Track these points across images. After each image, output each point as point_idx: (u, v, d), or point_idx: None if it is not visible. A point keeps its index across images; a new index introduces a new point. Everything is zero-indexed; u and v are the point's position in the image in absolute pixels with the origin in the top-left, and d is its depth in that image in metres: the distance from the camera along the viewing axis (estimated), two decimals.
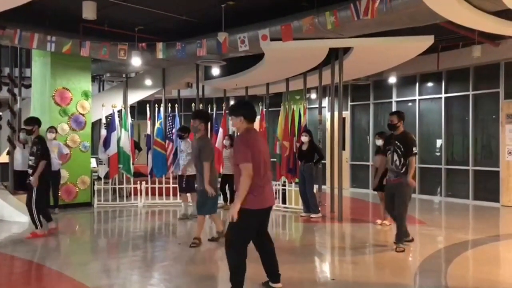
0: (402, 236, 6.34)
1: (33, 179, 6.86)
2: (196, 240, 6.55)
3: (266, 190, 4.32)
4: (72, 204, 9.94)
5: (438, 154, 11.89)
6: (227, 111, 4.87)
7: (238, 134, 4.53)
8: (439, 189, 11.73)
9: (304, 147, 8.90)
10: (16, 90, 10.56)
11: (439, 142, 11.90)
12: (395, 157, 6.25)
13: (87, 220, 9.27)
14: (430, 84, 12.20)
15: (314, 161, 8.86)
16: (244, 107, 4.43)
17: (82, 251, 6.79)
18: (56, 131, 9.40)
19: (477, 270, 5.87)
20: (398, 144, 6.24)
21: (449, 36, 9.48)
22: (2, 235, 7.60)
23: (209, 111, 11.09)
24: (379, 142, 8.09)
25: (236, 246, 4.23)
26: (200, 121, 6.43)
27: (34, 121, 7.19)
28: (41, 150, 6.95)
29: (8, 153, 10.19)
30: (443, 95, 11.71)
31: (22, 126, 7.00)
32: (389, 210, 6.66)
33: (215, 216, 6.78)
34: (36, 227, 7.05)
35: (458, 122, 11.64)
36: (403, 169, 6.19)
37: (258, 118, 10.83)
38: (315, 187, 9.21)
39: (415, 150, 6.26)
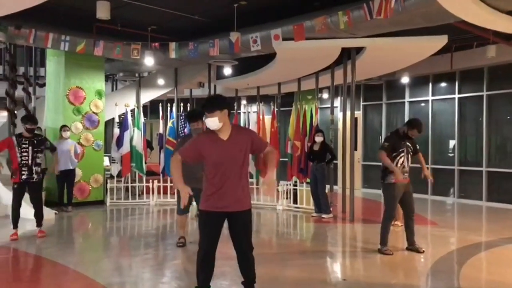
0: None
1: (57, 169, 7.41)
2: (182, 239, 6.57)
3: (220, 193, 3.90)
4: (85, 202, 10.05)
5: (451, 155, 11.79)
6: (238, 111, 4.74)
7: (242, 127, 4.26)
8: (451, 190, 11.63)
9: (316, 147, 8.88)
10: (30, 89, 10.72)
11: (452, 143, 11.80)
12: (409, 158, 6.26)
13: (99, 218, 9.35)
14: (443, 85, 12.10)
15: (326, 161, 8.84)
16: (225, 100, 4.03)
17: (95, 249, 6.86)
18: (70, 130, 9.51)
19: (490, 272, 5.81)
20: (410, 145, 6.28)
21: (463, 36, 9.39)
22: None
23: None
24: None
25: (200, 246, 4.05)
26: (203, 121, 6.33)
27: (37, 121, 7.29)
28: (52, 144, 7.42)
29: None
30: (456, 96, 11.60)
31: (31, 125, 6.90)
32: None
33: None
34: (41, 224, 7.16)
35: (472, 122, 11.53)
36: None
37: (269, 117, 10.91)
38: (327, 187, 9.19)
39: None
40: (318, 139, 8.86)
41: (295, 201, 9.82)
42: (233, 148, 3.91)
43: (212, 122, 3.87)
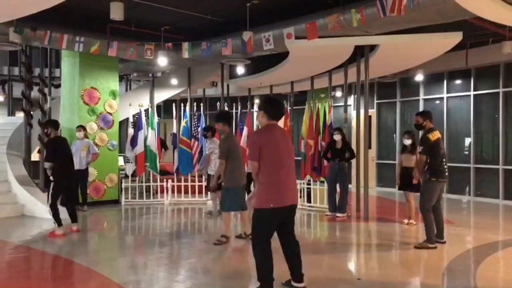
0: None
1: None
2: (222, 237, 6.61)
3: (282, 188, 4.26)
4: (100, 202, 10.14)
5: (466, 152, 11.66)
6: (251, 110, 4.86)
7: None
8: (467, 189, 11.50)
9: (338, 145, 8.81)
10: (46, 90, 10.82)
11: (467, 141, 11.66)
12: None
13: (114, 217, 9.43)
14: (458, 82, 11.96)
15: (346, 158, 8.80)
16: (268, 102, 4.52)
17: (110, 248, 6.92)
18: (84, 130, 9.60)
19: (507, 271, 5.73)
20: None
21: (478, 32, 9.28)
22: (33, 231, 7.80)
23: (233, 110, 11.15)
24: (408, 142, 8.01)
25: (257, 244, 4.28)
26: (223, 123, 6.52)
27: (49, 124, 7.44)
28: (48, 151, 7.21)
29: (39, 151, 10.45)
30: (472, 93, 11.47)
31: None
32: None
33: (244, 214, 6.85)
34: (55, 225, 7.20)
35: (488, 120, 11.38)
36: None
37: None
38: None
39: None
40: (337, 137, 8.80)
41: (308, 200, 9.79)
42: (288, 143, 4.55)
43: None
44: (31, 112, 10.65)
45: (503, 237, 7.47)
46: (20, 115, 11.74)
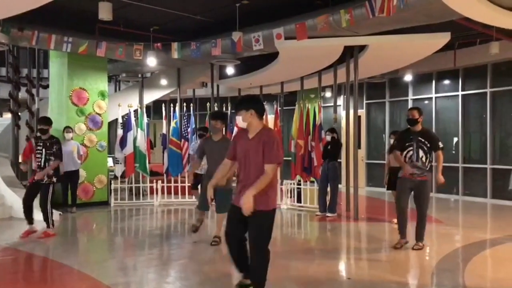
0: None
1: (42, 173, 6.84)
2: (216, 238, 6.57)
3: (242, 191, 3.98)
4: (89, 203, 10.06)
5: (454, 152, 11.75)
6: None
7: (266, 130, 4.17)
8: (456, 188, 11.60)
9: (328, 146, 8.87)
10: (34, 91, 10.73)
11: (456, 140, 11.77)
12: (421, 154, 6.12)
13: (104, 218, 9.37)
14: (446, 82, 12.07)
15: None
16: (256, 101, 4.20)
17: (100, 249, 6.88)
18: (73, 131, 9.53)
19: (495, 269, 5.79)
20: (423, 140, 6.15)
21: (466, 33, 9.37)
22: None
23: (223, 110, 11.13)
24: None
25: (267, 247, 4.09)
26: (222, 122, 6.44)
27: (50, 122, 7.29)
28: (60, 150, 7.07)
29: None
30: (460, 93, 11.57)
31: (40, 125, 7.03)
32: (403, 205, 6.36)
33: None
34: (48, 226, 7.12)
35: (476, 120, 11.49)
36: (429, 166, 6.16)
37: (273, 116, 10.91)
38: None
39: (441, 144, 6.28)
40: (328, 137, 8.88)
41: (299, 200, 9.80)
42: (252, 148, 4.02)
43: (238, 120, 4.11)
44: (19, 113, 10.56)
45: (491, 236, 7.55)
46: (8, 116, 11.64)
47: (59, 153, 7.02)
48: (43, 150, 6.89)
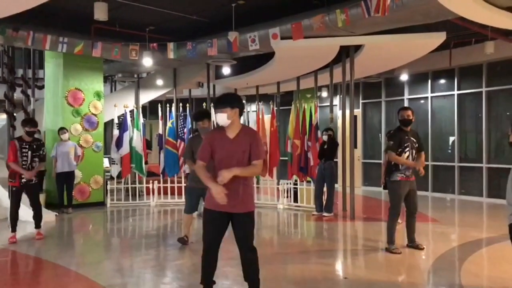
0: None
1: (31, 172, 6.77)
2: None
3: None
4: (86, 204, 10.04)
5: (450, 151, 11.79)
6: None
7: (248, 128, 4.20)
8: (451, 187, 11.63)
9: (325, 146, 8.89)
10: (29, 91, 10.69)
11: (451, 140, 11.80)
12: (414, 154, 6.16)
13: (100, 219, 9.35)
14: (442, 81, 12.10)
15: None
16: (239, 98, 4.08)
17: (96, 250, 6.85)
18: (68, 132, 9.50)
19: (492, 268, 5.81)
20: (414, 140, 6.19)
21: (462, 32, 9.39)
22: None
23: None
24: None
25: (203, 243, 4.06)
26: (209, 119, 6.33)
27: (37, 123, 7.21)
28: (45, 154, 7.08)
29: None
30: (455, 92, 11.61)
31: (30, 128, 6.84)
32: (400, 210, 6.38)
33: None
34: (40, 226, 7.13)
35: (471, 119, 11.53)
36: None
37: (269, 116, 10.90)
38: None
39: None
40: (324, 137, 8.92)
41: (295, 200, 9.81)
42: (237, 148, 3.90)
43: (221, 117, 3.87)
44: (14, 114, 10.51)
45: (487, 235, 7.57)
46: (3, 117, 11.58)
47: (45, 157, 7.04)
48: (29, 152, 6.78)
